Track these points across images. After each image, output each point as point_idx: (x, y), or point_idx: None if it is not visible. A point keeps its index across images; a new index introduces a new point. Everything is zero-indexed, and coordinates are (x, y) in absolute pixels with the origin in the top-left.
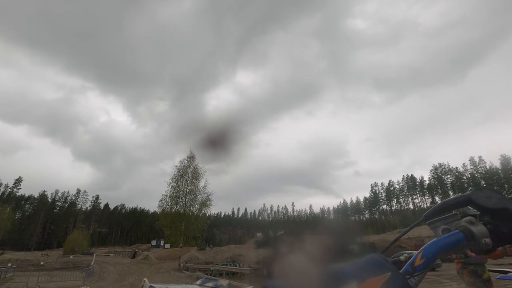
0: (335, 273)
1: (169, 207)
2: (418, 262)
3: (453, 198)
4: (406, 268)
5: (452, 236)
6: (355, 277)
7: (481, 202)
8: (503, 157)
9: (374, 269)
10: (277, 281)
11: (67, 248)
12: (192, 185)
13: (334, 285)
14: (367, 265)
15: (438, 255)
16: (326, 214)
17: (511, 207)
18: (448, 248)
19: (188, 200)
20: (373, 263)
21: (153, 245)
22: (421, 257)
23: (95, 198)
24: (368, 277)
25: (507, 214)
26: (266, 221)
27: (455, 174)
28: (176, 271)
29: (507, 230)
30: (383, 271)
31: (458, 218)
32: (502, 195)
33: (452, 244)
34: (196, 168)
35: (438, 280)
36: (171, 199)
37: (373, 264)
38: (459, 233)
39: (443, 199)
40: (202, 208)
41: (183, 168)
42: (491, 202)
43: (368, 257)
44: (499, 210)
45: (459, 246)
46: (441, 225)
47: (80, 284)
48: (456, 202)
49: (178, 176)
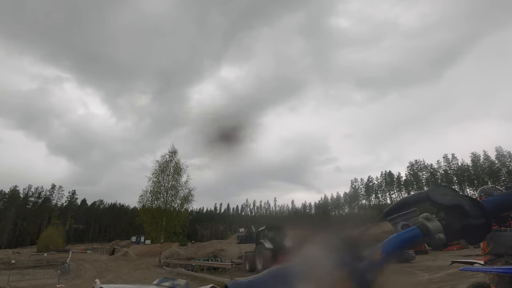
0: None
1: (150, 203)
2: (377, 256)
3: (412, 195)
4: (366, 263)
5: (410, 231)
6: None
7: (437, 199)
8: (474, 155)
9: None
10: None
11: (41, 246)
12: (174, 180)
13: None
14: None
15: (396, 250)
16: (307, 209)
17: (463, 204)
18: (405, 243)
19: (170, 196)
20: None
21: (133, 242)
22: (380, 252)
23: (71, 194)
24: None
25: (460, 211)
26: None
27: (430, 171)
28: (157, 267)
29: (459, 226)
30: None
31: (417, 214)
32: (456, 193)
33: (409, 239)
34: (178, 163)
35: (412, 271)
36: (152, 194)
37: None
38: (416, 229)
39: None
40: (183, 204)
41: (164, 162)
42: (446, 199)
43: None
44: (453, 207)
45: (416, 241)
46: (401, 221)
47: (55, 282)
48: (415, 199)
49: (159, 171)
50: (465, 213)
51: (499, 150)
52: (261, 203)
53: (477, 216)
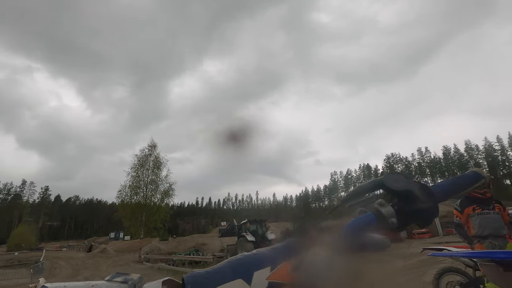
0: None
1: (129, 198)
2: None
3: (368, 182)
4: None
5: (364, 217)
6: (269, 262)
7: (390, 185)
8: (445, 148)
9: (291, 252)
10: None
11: (12, 244)
12: (154, 174)
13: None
14: (285, 249)
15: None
16: (289, 202)
17: (413, 189)
18: (360, 228)
19: (149, 190)
20: (291, 246)
21: (112, 238)
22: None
23: (44, 190)
24: (283, 261)
25: (411, 196)
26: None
27: (405, 163)
28: (136, 263)
29: (410, 210)
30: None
31: (373, 200)
32: (408, 179)
33: (364, 224)
34: (157, 157)
35: (387, 259)
36: (131, 189)
37: (291, 248)
38: (371, 214)
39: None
40: (164, 198)
41: (143, 157)
42: (398, 185)
43: (287, 241)
44: (405, 192)
45: (370, 226)
46: (359, 208)
47: (27, 282)
48: (371, 186)
49: (138, 166)
50: (415, 197)
51: (468, 144)
52: (243, 197)
53: (425, 200)
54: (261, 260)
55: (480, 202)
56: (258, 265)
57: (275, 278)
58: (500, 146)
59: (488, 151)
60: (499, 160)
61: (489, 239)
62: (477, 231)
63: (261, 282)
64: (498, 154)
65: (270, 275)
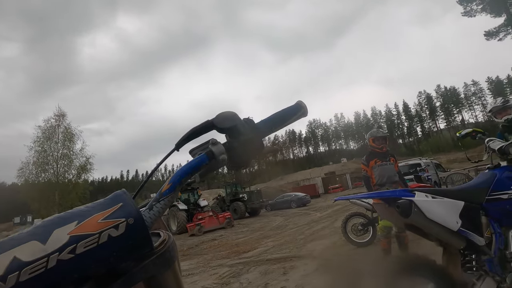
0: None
1: (34, 176)
2: (166, 187)
3: (199, 124)
4: (156, 195)
5: (197, 158)
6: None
7: (219, 125)
8: (356, 114)
9: (108, 203)
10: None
11: None
12: (66, 148)
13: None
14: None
15: (184, 177)
16: (220, 170)
17: (237, 124)
18: (192, 169)
19: (61, 166)
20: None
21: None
22: (168, 182)
23: None
24: (93, 213)
25: (236, 131)
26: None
27: (324, 128)
28: None
29: (237, 144)
30: (116, 203)
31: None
32: (234, 116)
33: (196, 165)
34: (68, 128)
35: (307, 212)
36: (37, 166)
37: (110, 199)
38: (204, 155)
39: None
40: (81, 174)
41: (50, 128)
42: (226, 123)
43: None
44: (232, 128)
45: (203, 166)
46: (199, 151)
47: None
48: (202, 128)
49: (43, 139)
50: (239, 131)
51: (374, 109)
52: (173, 167)
53: (247, 133)
54: (67, 218)
55: (380, 155)
56: (61, 222)
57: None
58: (396, 112)
59: (388, 116)
60: (395, 123)
61: (386, 186)
62: (377, 180)
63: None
64: (395, 118)
65: (73, 229)
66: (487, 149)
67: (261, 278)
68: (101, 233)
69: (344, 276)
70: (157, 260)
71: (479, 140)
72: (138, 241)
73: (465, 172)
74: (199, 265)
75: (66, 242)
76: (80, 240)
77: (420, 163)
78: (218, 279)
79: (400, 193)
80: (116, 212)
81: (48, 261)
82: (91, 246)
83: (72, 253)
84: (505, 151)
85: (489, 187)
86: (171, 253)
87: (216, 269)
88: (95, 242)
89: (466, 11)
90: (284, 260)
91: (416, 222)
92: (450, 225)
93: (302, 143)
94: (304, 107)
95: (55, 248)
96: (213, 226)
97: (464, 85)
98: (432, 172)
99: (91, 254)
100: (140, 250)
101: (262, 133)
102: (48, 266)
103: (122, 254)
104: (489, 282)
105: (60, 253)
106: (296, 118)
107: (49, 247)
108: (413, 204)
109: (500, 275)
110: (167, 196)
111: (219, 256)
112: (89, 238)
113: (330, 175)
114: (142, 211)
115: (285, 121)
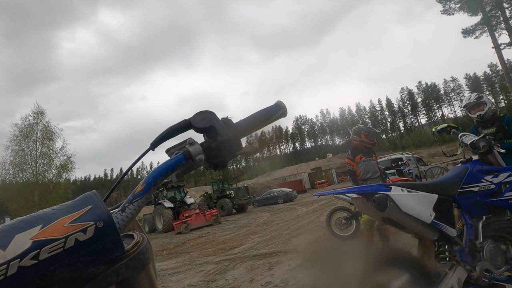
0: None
1: (12, 176)
2: (140, 188)
3: (175, 124)
4: (129, 197)
5: (174, 158)
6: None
7: (197, 125)
8: (341, 110)
9: (76, 205)
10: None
11: None
12: (45, 147)
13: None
14: (73, 204)
15: (159, 178)
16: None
17: (215, 125)
18: (167, 169)
19: (41, 166)
20: (80, 200)
21: None
22: (142, 183)
23: None
24: (60, 216)
25: (214, 131)
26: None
27: (310, 124)
28: None
29: (214, 144)
30: (84, 205)
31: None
32: (212, 115)
33: (172, 165)
34: (47, 126)
35: (294, 207)
36: (14, 166)
37: (79, 201)
38: (180, 154)
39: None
40: (62, 173)
41: (27, 126)
42: (204, 123)
43: (80, 196)
44: (209, 129)
45: (180, 166)
46: (175, 151)
47: None
48: (179, 127)
49: (21, 137)
50: (217, 132)
51: (358, 105)
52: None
53: (225, 133)
54: (30, 222)
55: (364, 151)
56: (23, 227)
57: (44, 235)
58: (380, 107)
59: (372, 112)
60: (379, 118)
61: (369, 181)
62: (362, 175)
63: (21, 244)
64: (379, 114)
65: (37, 234)
66: (461, 144)
67: (246, 274)
68: (67, 238)
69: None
70: (130, 263)
71: (453, 135)
72: (108, 244)
73: (444, 166)
74: (185, 263)
75: (29, 247)
76: (44, 245)
77: (402, 157)
78: (204, 277)
79: (376, 188)
80: (85, 215)
81: (8, 268)
82: (56, 251)
83: (35, 259)
84: (476, 145)
85: (461, 180)
86: (145, 255)
87: (202, 267)
88: (60, 247)
89: (445, 9)
90: (270, 255)
91: (391, 216)
92: (424, 218)
93: (289, 139)
94: (284, 108)
95: (16, 254)
96: (200, 224)
97: (444, 82)
98: (414, 166)
99: (56, 259)
100: (110, 254)
101: (241, 133)
102: (8, 274)
103: (90, 258)
104: (460, 271)
105: (22, 259)
106: (276, 118)
107: (9, 254)
108: (388, 198)
109: (471, 264)
110: (140, 197)
111: (206, 254)
112: (54, 243)
113: (316, 171)
114: (114, 213)
115: (265, 121)
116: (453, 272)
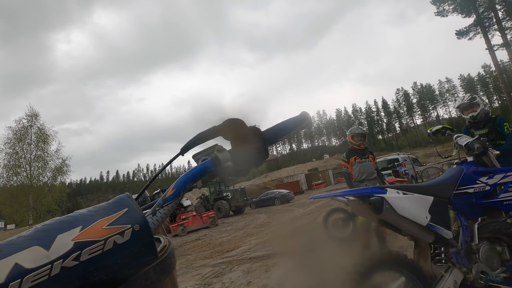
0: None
1: (6, 180)
2: (170, 193)
3: (205, 130)
4: (159, 201)
5: (202, 164)
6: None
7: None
8: (337, 111)
9: (112, 208)
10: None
11: None
12: (40, 149)
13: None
14: (108, 206)
15: (188, 183)
16: None
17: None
18: (196, 175)
19: (35, 169)
20: (115, 202)
21: None
22: (172, 188)
23: None
24: (97, 218)
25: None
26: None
27: None
28: None
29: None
30: (120, 208)
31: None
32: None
33: (201, 171)
34: (42, 129)
35: (291, 209)
36: (7, 169)
37: (114, 204)
38: (209, 161)
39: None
40: (57, 176)
41: (22, 129)
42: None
43: (114, 198)
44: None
45: (209, 172)
46: (202, 156)
47: None
48: (208, 133)
49: (15, 140)
50: (246, 139)
51: (354, 106)
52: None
53: (255, 142)
54: (70, 222)
55: (359, 153)
56: (64, 227)
57: (84, 237)
58: (376, 108)
59: (368, 113)
60: (375, 119)
61: (365, 182)
62: (357, 176)
63: (64, 245)
64: (375, 115)
65: (78, 235)
66: (456, 145)
67: (243, 277)
68: (106, 240)
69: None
70: (158, 267)
71: (448, 136)
72: (143, 248)
73: (439, 166)
74: (182, 266)
75: (71, 248)
76: (85, 246)
77: (398, 158)
78: (201, 280)
79: (372, 190)
80: (122, 218)
81: (52, 269)
82: (96, 253)
83: (76, 260)
84: (470, 147)
85: (456, 182)
86: (171, 260)
87: (198, 270)
88: (100, 249)
89: (439, 11)
90: (267, 257)
91: (387, 218)
92: (420, 220)
93: (286, 140)
94: (309, 119)
95: (59, 254)
96: (197, 226)
97: (439, 82)
98: (409, 166)
99: (96, 261)
100: (144, 257)
101: (268, 142)
102: (52, 274)
103: (126, 261)
104: (456, 273)
105: (64, 260)
106: (301, 129)
107: (52, 254)
108: (384, 201)
109: (467, 266)
110: (171, 201)
111: (202, 256)
112: (95, 245)
113: (313, 172)
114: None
115: (289, 131)
116: (449, 274)
